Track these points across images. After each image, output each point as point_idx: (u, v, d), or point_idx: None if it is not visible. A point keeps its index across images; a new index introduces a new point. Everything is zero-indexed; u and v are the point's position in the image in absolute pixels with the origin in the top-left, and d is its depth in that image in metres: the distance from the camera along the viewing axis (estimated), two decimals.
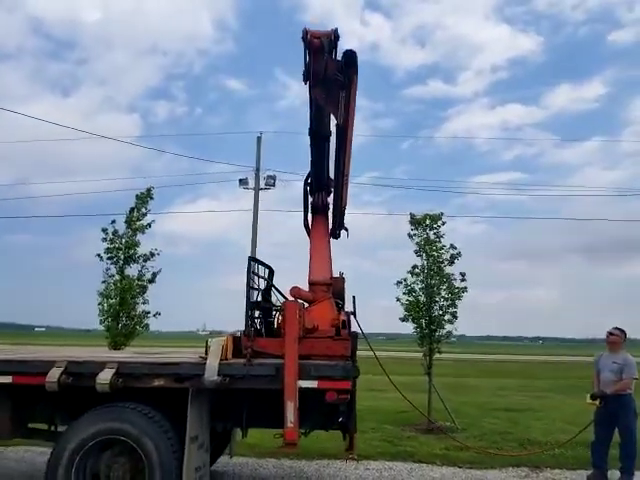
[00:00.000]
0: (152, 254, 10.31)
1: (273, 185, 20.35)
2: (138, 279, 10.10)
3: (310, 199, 6.25)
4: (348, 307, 5.56)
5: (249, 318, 5.09)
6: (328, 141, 5.59)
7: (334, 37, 4.44)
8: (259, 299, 5.38)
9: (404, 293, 9.62)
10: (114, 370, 4.24)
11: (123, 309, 9.73)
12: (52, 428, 5.05)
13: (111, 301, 9.79)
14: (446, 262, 9.83)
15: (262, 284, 5.77)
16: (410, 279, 9.71)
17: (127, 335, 9.73)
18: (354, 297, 5.39)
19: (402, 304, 9.60)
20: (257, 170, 20.15)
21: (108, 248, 10.13)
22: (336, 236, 5.99)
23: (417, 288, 9.66)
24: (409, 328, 9.86)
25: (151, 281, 10.10)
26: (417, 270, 9.81)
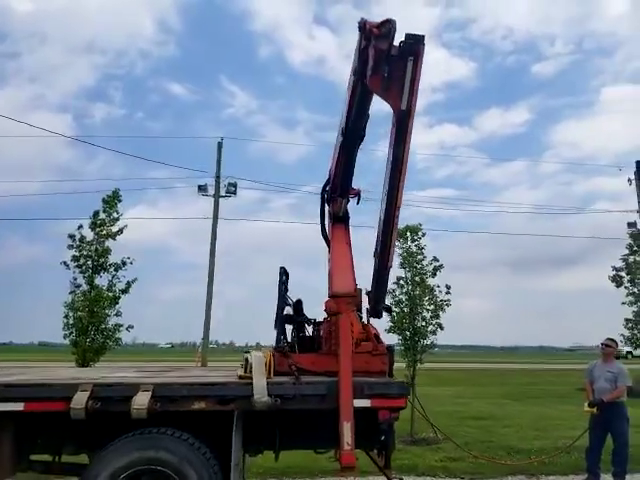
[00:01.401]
0: (124, 262, 9.65)
1: (234, 193, 19.82)
2: (108, 289, 9.41)
3: (328, 207, 6.08)
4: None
5: (282, 332, 4.82)
6: (360, 144, 5.48)
7: (392, 27, 4.29)
8: (289, 311, 5.12)
9: (391, 304, 9.62)
10: (150, 393, 3.84)
11: (93, 322, 9.00)
12: (56, 459, 4.51)
13: (79, 313, 9.03)
14: (429, 274, 9.96)
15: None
16: (397, 291, 9.74)
17: (97, 350, 9.00)
18: None
19: (388, 315, 9.58)
20: (217, 177, 19.55)
21: (75, 256, 9.38)
22: (379, 314, 4.94)
23: (403, 299, 9.71)
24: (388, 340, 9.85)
25: (124, 291, 9.43)
26: (401, 282, 9.87)
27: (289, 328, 5.13)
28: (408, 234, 10.24)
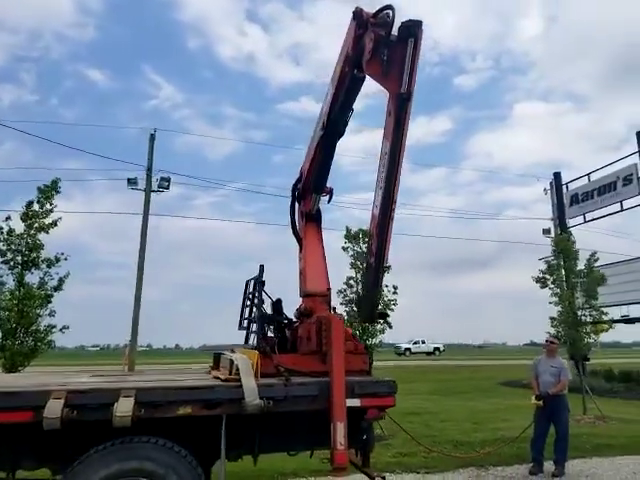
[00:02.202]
0: (57, 259, 8.90)
1: (167, 188, 18.96)
2: (39, 287, 8.64)
3: (298, 206, 5.99)
4: None
5: (262, 333, 4.66)
6: (338, 140, 5.43)
7: (392, 12, 4.30)
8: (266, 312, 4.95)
9: (341, 304, 9.65)
10: (133, 399, 3.54)
11: (22, 323, 8.21)
12: (10, 475, 4.04)
13: (6, 314, 8.21)
14: None
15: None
16: (348, 291, 9.78)
17: (27, 354, 8.22)
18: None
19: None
20: (149, 170, 18.59)
21: (0, 250, 8.52)
22: (374, 319, 4.83)
23: (353, 299, 9.76)
24: None
25: (57, 288, 8.69)
26: (351, 282, 9.93)
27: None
28: (361, 236, 10.33)
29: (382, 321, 4.39)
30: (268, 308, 5.12)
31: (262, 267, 4.86)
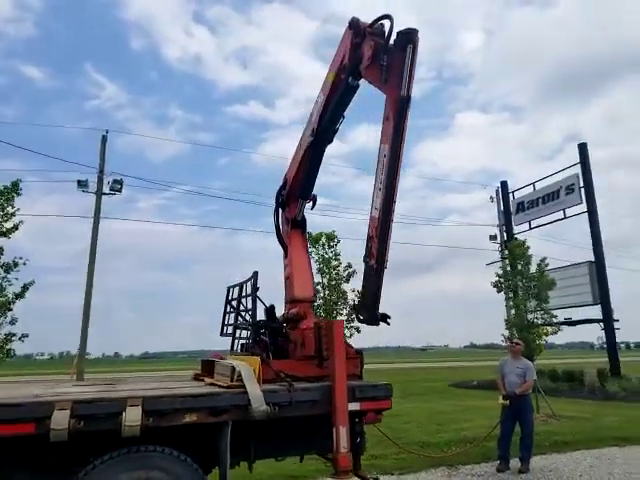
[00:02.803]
0: (16, 263, 8.48)
1: (119, 190, 18.34)
2: None
3: (282, 212, 6.03)
4: None
5: (257, 339, 4.67)
6: (326, 146, 5.53)
7: (391, 21, 4.47)
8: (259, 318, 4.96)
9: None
10: (140, 408, 3.48)
11: None
12: None
13: None
14: (343, 280, 10.28)
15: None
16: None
17: None
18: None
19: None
20: (100, 172, 17.93)
21: None
22: (376, 321, 4.42)
23: (320, 304, 9.88)
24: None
25: (19, 296, 8.28)
26: (319, 287, 10.04)
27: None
28: (324, 240, 10.46)
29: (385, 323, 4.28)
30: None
31: (256, 273, 4.88)
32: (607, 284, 18.69)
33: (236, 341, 5.70)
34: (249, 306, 5.26)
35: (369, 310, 4.27)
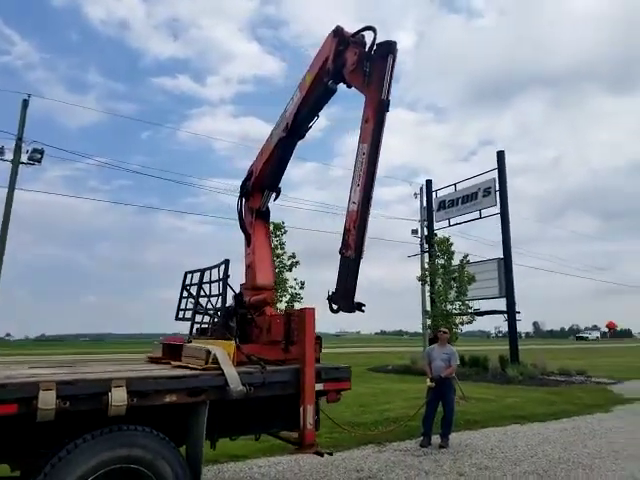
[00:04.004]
0: None
1: (39, 161, 17.16)
2: None
3: (246, 202, 6.23)
4: None
5: (226, 324, 4.90)
6: (297, 142, 5.81)
7: (374, 32, 4.81)
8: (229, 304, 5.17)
9: None
10: (124, 388, 3.63)
11: None
12: None
13: None
14: (285, 269, 10.62)
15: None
16: None
17: None
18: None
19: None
20: (19, 139, 16.69)
21: None
22: (352, 309, 4.59)
23: None
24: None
25: None
26: None
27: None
28: (271, 228, 10.70)
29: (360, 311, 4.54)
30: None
31: (228, 261, 5.08)
32: (512, 279, 20.56)
33: (195, 325, 5.87)
34: (214, 292, 5.46)
35: (346, 299, 4.54)
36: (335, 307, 4.55)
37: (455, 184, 23.71)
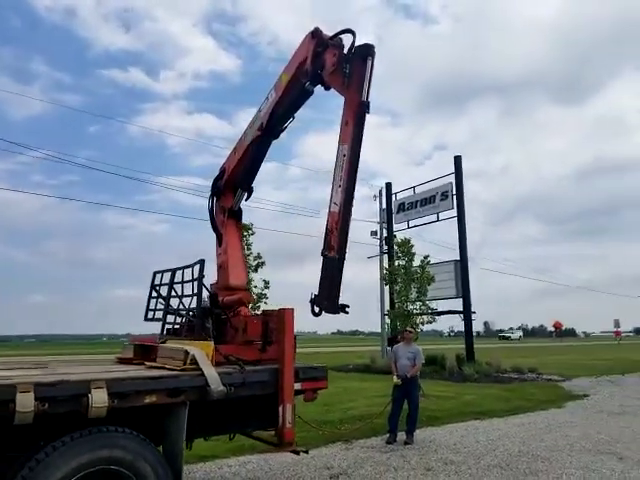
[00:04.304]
0: None
1: None
2: None
3: (217, 202, 6.21)
4: None
5: (202, 324, 4.87)
6: (271, 142, 5.83)
7: (353, 35, 4.89)
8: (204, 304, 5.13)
9: None
10: (105, 390, 3.56)
11: None
12: None
13: None
14: (252, 269, 10.59)
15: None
16: None
17: None
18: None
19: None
20: None
21: None
22: (337, 310, 4.63)
23: None
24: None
25: None
26: None
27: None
28: None
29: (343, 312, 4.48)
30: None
31: (203, 261, 5.05)
32: (468, 281, 21.21)
33: (166, 326, 5.80)
34: (186, 292, 5.41)
35: (331, 300, 4.55)
36: (317, 310, 4.56)
37: (414, 187, 24.25)
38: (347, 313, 4.59)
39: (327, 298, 4.56)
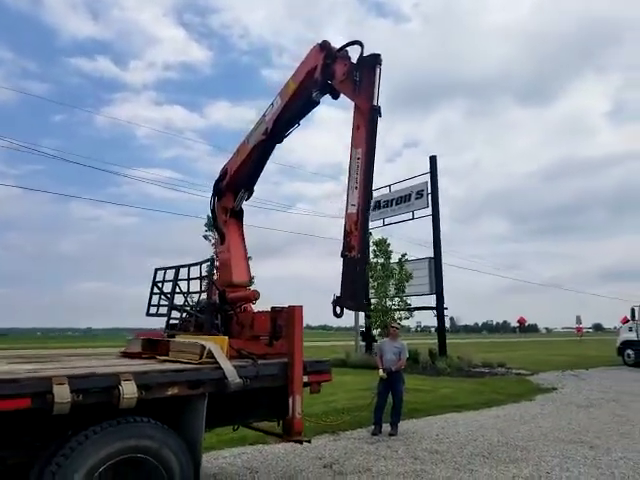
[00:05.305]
0: None
1: None
2: None
3: (219, 202, 6.39)
4: None
5: (211, 320, 5.07)
6: (275, 147, 6.05)
7: (361, 46, 5.16)
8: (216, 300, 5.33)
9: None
10: (133, 382, 3.75)
11: None
12: None
13: None
14: None
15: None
16: None
17: None
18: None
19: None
20: None
21: None
22: (363, 308, 4.86)
23: None
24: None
25: None
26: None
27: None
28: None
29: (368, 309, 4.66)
30: None
31: (213, 260, 5.26)
32: (442, 278, 21.81)
33: (171, 320, 5.97)
34: (192, 289, 5.61)
35: (356, 298, 4.75)
36: (339, 311, 4.73)
37: (390, 185, 24.72)
38: (371, 310, 4.85)
39: (352, 297, 4.74)
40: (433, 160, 22.90)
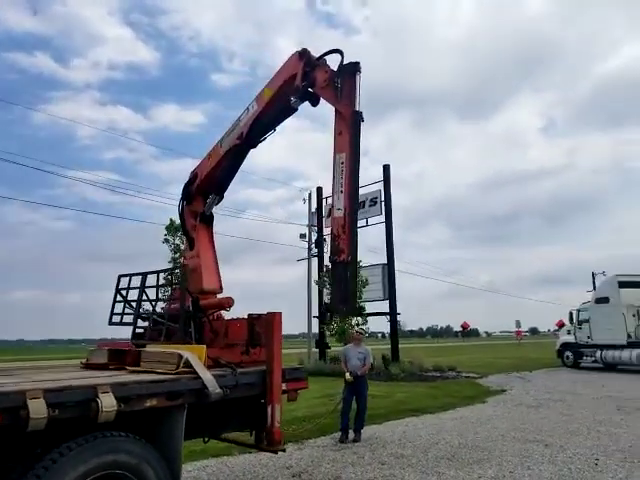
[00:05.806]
0: None
1: None
2: None
3: (188, 206, 6.24)
4: None
5: (187, 329, 4.93)
6: (248, 151, 5.98)
7: (341, 55, 5.24)
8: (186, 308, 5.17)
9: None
10: (112, 394, 3.58)
11: None
12: None
13: None
14: None
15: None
16: None
17: None
18: None
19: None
20: None
21: None
22: (355, 311, 4.65)
23: None
24: None
25: None
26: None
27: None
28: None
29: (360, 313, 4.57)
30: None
31: (183, 266, 5.14)
32: (395, 283, 22.23)
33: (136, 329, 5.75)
34: (153, 297, 5.44)
35: (348, 303, 4.66)
36: (330, 316, 4.71)
37: None
38: (363, 315, 4.87)
39: (343, 302, 4.69)
40: (386, 169, 23.38)
